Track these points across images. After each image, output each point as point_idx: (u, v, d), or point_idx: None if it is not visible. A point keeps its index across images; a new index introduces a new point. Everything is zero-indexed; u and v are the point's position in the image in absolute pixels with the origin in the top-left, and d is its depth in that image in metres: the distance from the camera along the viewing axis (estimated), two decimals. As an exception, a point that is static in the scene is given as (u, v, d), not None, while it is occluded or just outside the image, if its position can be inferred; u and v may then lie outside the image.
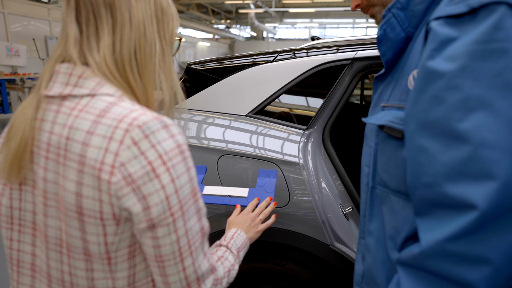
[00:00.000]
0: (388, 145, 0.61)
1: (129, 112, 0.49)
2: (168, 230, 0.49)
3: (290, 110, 1.34)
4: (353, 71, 1.27)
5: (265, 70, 1.35)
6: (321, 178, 1.22)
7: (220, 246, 0.77)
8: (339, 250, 1.16)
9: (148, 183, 0.47)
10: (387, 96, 0.65)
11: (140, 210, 0.48)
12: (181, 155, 0.50)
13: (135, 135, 0.47)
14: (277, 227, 1.20)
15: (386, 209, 0.64)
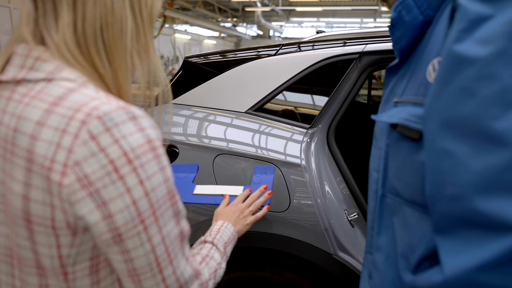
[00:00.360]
0: (402, 147, 0.52)
1: (89, 100, 0.41)
2: (140, 240, 0.43)
3: (292, 108, 1.25)
4: (361, 66, 1.18)
5: (266, 64, 1.26)
6: (324, 181, 1.13)
7: (205, 243, 0.70)
8: (342, 260, 1.07)
9: (109, 186, 0.40)
10: (400, 90, 0.56)
11: (99, 219, 0.40)
12: (152, 152, 0.43)
13: (94, 127, 0.39)
14: (276, 233, 1.12)
15: (398, 222, 0.55)
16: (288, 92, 1.24)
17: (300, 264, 1.17)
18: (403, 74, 0.57)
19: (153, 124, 0.45)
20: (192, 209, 1.18)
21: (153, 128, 0.44)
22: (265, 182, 1.02)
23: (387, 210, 0.58)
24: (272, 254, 1.20)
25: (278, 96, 1.23)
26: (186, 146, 1.20)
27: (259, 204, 0.90)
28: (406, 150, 0.51)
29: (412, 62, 0.55)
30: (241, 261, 1.21)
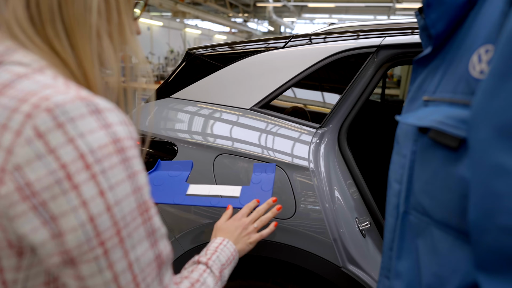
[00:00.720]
0: (434, 156, 0.42)
1: (40, 88, 0.33)
2: (98, 267, 0.34)
3: (300, 105, 1.15)
4: (378, 61, 1.07)
5: (274, 57, 1.16)
6: (334, 186, 1.03)
7: (198, 264, 0.61)
8: (352, 274, 0.97)
9: (59, 198, 0.32)
10: (432, 87, 0.46)
11: (46, 239, 0.32)
12: (119, 154, 0.35)
13: (41, 122, 0.32)
14: (280, 242, 1.02)
15: (424, 246, 0.45)
16: (296, 88, 1.15)
17: (305, 277, 1.08)
18: (436, 67, 0.47)
19: (124, 120, 0.37)
20: (194, 210, 1.10)
21: (122, 124, 0.36)
22: (265, 181, 0.92)
23: (410, 230, 0.48)
24: (276, 264, 1.11)
25: (285, 93, 1.14)
26: (185, 144, 1.12)
27: (265, 220, 0.80)
28: (439, 160, 0.41)
29: (449, 52, 0.45)
30: (242, 269, 1.13)
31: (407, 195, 0.48)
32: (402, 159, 0.49)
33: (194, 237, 1.13)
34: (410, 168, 0.47)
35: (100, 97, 0.36)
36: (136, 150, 0.37)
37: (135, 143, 0.37)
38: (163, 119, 1.22)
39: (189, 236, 1.13)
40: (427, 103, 0.46)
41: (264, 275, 1.10)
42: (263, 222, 0.79)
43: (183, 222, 1.13)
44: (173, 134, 1.15)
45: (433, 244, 0.43)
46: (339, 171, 1.09)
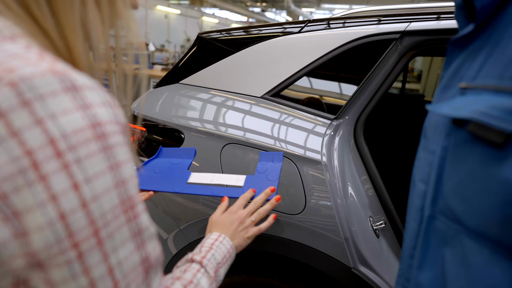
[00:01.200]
0: (472, 153, 0.36)
1: (6, 58, 0.28)
2: (71, 272, 0.29)
3: (315, 95, 1.08)
4: (401, 49, 0.99)
5: (288, 43, 1.09)
6: (347, 181, 0.97)
7: (192, 263, 0.56)
8: (363, 276, 0.91)
9: (23, 190, 0.27)
10: (472, 72, 0.39)
11: (8, 237, 0.27)
12: (100, 141, 0.30)
13: (3, 99, 0.26)
14: (288, 238, 0.97)
15: (452, 257, 0.39)
16: (311, 76, 1.08)
17: (313, 276, 1.02)
18: (477, 49, 0.40)
19: (107, 101, 0.31)
20: (202, 201, 1.06)
21: (105, 105, 0.31)
22: (271, 171, 0.86)
23: (436, 237, 0.42)
24: (282, 260, 1.06)
25: (299, 81, 1.07)
26: (193, 132, 1.07)
27: (264, 213, 0.74)
28: (478, 158, 0.35)
29: (495, 31, 0.38)
30: (247, 264, 1.08)
31: (435, 197, 0.41)
32: (430, 156, 0.43)
33: (200, 228, 1.09)
34: (440, 166, 0.40)
35: (80, 73, 0.31)
36: (122, 136, 0.32)
37: (121, 129, 0.32)
38: (170, 105, 1.18)
39: (195, 227, 1.09)
40: (464, 91, 0.39)
41: (269, 272, 1.05)
42: (261, 215, 0.74)
43: (189, 212, 1.09)
44: (180, 121, 1.10)
45: (464, 256, 0.37)
46: (354, 166, 1.03)
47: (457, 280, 0.38)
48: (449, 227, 0.39)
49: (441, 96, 0.44)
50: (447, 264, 0.40)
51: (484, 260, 0.34)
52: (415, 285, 0.45)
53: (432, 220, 0.42)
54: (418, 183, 0.45)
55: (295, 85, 1.08)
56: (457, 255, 0.38)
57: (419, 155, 0.46)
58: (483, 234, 0.34)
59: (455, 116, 0.36)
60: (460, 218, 0.37)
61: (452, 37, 0.42)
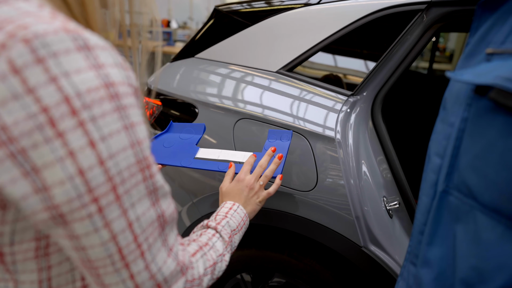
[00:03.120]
0: (493, 123, 0.33)
1: (19, 15, 0.28)
2: (93, 225, 0.31)
3: (332, 71, 1.04)
4: (427, 21, 0.92)
5: (306, 15, 1.05)
6: (362, 160, 0.94)
7: (207, 229, 0.58)
8: (373, 255, 0.90)
9: (41, 146, 0.28)
10: (501, 36, 0.36)
11: (29, 192, 0.29)
12: (113, 101, 0.30)
13: (18, 55, 0.26)
14: (298, 215, 0.97)
15: (463, 233, 0.38)
16: (329, 51, 1.03)
17: (323, 253, 1.03)
18: (509, 10, 0.36)
19: (120, 62, 0.31)
20: (218, 178, 1.07)
21: (119, 67, 0.31)
22: (279, 149, 0.86)
23: (448, 213, 0.40)
24: (292, 236, 1.06)
25: (316, 56, 1.03)
26: (206, 106, 1.07)
27: (270, 174, 0.75)
28: (498, 129, 0.32)
29: None
30: (258, 239, 1.10)
31: (450, 171, 0.39)
32: (448, 128, 0.40)
33: (212, 202, 1.10)
34: (458, 139, 0.38)
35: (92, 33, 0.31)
36: (134, 99, 0.32)
37: (133, 91, 0.32)
38: (185, 79, 1.18)
39: (207, 200, 1.11)
40: (490, 57, 0.36)
41: (279, 247, 1.06)
42: (268, 177, 0.75)
43: (202, 187, 1.11)
44: (194, 96, 1.10)
45: (477, 232, 0.35)
46: (370, 144, 0.99)
47: (467, 257, 0.36)
48: (463, 203, 0.38)
49: (464, 63, 0.41)
50: (458, 241, 0.38)
51: (497, 236, 0.33)
52: (423, 261, 0.44)
53: (446, 196, 0.40)
54: (434, 157, 0.43)
55: (311, 60, 1.04)
56: (470, 232, 0.36)
57: (436, 128, 0.44)
58: (498, 210, 0.33)
59: (476, 82, 0.33)
60: (474, 193, 0.36)
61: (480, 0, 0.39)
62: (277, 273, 1.11)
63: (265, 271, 1.11)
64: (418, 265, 0.46)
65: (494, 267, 0.33)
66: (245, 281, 1.16)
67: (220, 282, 1.17)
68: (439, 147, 0.41)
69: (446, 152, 0.40)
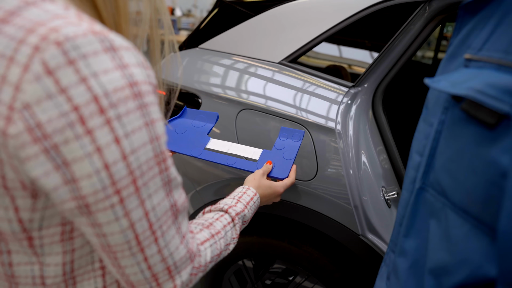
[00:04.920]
0: (465, 131, 0.35)
1: (49, 18, 0.30)
2: (115, 215, 0.34)
3: (334, 60, 1.05)
4: (430, 12, 0.93)
5: (308, 6, 1.05)
6: (362, 151, 0.96)
7: (225, 213, 0.60)
8: (370, 243, 0.93)
9: (72, 142, 0.30)
10: (479, 42, 0.37)
11: (59, 184, 0.31)
12: (136, 99, 0.32)
13: (51, 57, 0.28)
14: (299, 203, 1.00)
15: (436, 228, 0.40)
16: (331, 42, 1.04)
17: (322, 240, 1.05)
18: (488, 16, 0.37)
19: (142, 62, 0.33)
20: (221, 167, 1.09)
21: (141, 66, 0.33)
22: (288, 149, 0.86)
23: (424, 208, 0.43)
24: (292, 224, 1.09)
25: (318, 47, 1.04)
26: (209, 96, 1.09)
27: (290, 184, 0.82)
28: (469, 137, 0.33)
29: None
30: (259, 226, 1.13)
31: (427, 170, 0.41)
32: (428, 128, 0.42)
33: (216, 190, 1.13)
34: (435, 139, 0.40)
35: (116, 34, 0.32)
36: (154, 96, 0.34)
37: (153, 89, 0.34)
38: (188, 70, 1.19)
39: (210, 189, 1.14)
40: (468, 63, 0.37)
41: (280, 234, 1.09)
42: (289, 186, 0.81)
43: (206, 175, 1.13)
44: (197, 86, 1.11)
45: (447, 228, 0.37)
46: (370, 136, 1.01)
47: (437, 250, 0.38)
48: (436, 200, 0.39)
49: (446, 66, 0.42)
50: (430, 234, 0.40)
51: (464, 234, 0.35)
52: (400, 250, 0.47)
53: (422, 192, 0.42)
54: (414, 154, 0.45)
55: (313, 51, 1.05)
56: (441, 227, 0.38)
57: (419, 126, 0.45)
58: (465, 210, 0.34)
59: (451, 92, 0.35)
60: (446, 193, 0.37)
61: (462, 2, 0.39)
62: (278, 260, 1.14)
63: (266, 257, 1.14)
64: (396, 253, 0.48)
65: (458, 262, 0.34)
66: (247, 267, 1.19)
67: (222, 267, 1.21)
68: (420, 146, 0.43)
69: (425, 151, 0.41)
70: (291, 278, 1.14)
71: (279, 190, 0.77)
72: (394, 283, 0.48)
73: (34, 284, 0.39)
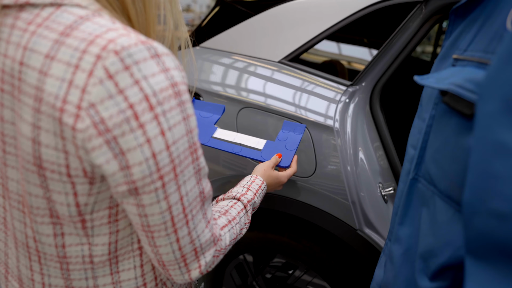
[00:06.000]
0: (448, 123, 0.38)
1: (105, 31, 0.35)
2: (157, 197, 0.39)
3: (333, 60, 1.07)
4: (426, 13, 0.95)
5: (308, 6, 1.07)
6: (359, 148, 0.99)
7: (238, 201, 0.64)
8: (367, 237, 0.96)
9: (128, 134, 0.35)
10: (465, 43, 0.40)
11: (116, 170, 0.37)
12: (177, 98, 0.37)
13: (111, 64, 0.34)
14: (298, 199, 1.02)
15: (426, 215, 0.44)
16: (330, 41, 1.06)
17: (321, 235, 1.08)
18: (474, 19, 0.40)
19: (178, 65, 0.39)
20: (222, 163, 1.12)
21: (178, 69, 0.38)
22: (290, 140, 0.90)
23: (417, 197, 0.46)
24: (292, 219, 1.12)
25: (317, 46, 1.06)
26: (210, 95, 1.11)
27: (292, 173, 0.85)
28: (452, 128, 0.37)
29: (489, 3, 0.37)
30: (260, 221, 1.16)
31: (419, 161, 0.45)
32: (421, 123, 0.45)
33: (216, 187, 1.16)
34: (426, 133, 0.43)
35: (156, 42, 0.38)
36: (188, 94, 0.40)
37: (187, 88, 0.39)
38: (190, 68, 1.21)
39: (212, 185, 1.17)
40: (455, 62, 0.40)
41: (280, 229, 1.12)
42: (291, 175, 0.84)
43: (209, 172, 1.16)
44: (198, 84, 1.14)
45: (434, 214, 0.41)
46: (367, 133, 1.03)
47: (426, 235, 0.42)
48: (427, 189, 0.43)
49: (438, 66, 0.45)
50: (422, 222, 0.44)
51: (448, 218, 0.38)
52: (395, 238, 0.50)
53: (415, 183, 0.46)
54: (409, 148, 0.48)
55: (313, 50, 1.07)
56: (430, 214, 0.42)
57: (414, 122, 0.48)
58: (449, 196, 0.38)
59: (435, 87, 0.38)
60: (434, 181, 0.41)
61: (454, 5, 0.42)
62: (278, 254, 1.17)
63: (267, 252, 1.18)
64: (392, 241, 0.52)
65: (442, 244, 0.38)
66: (248, 261, 1.23)
67: (223, 262, 1.24)
68: (414, 140, 0.46)
69: (418, 144, 0.45)
70: (290, 272, 1.17)
71: (283, 180, 0.82)
72: (389, 269, 0.51)
73: (84, 263, 0.44)
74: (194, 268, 0.46)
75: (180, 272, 0.45)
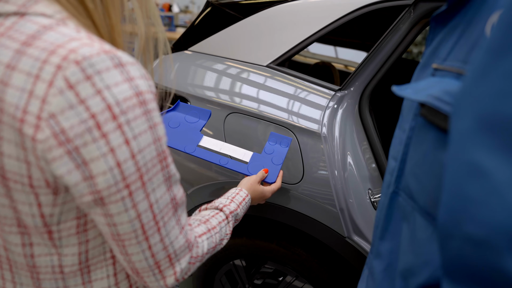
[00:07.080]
0: (426, 136, 0.36)
1: (67, 40, 0.35)
2: (124, 206, 0.39)
3: (321, 64, 1.06)
4: (415, 16, 0.93)
5: (296, 9, 1.05)
6: (347, 155, 0.97)
7: (220, 212, 0.64)
8: (356, 245, 0.94)
9: (90, 144, 0.35)
10: (445, 52, 0.38)
11: (79, 180, 0.36)
12: (142, 107, 0.37)
13: (71, 74, 0.33)
14: (287, 206, 1.01)
15: (406, 231, 0.42)
16: (318, 45, 1.05)
17: (310, 242, 1.07)
18: (454, 27, 0.38)
19: (144, 74, 0.38)
20: (214, 169, 1.10)
21: (143, 78, 0.38)
22: (277, 154, 0.89)
23: (397, 211, 0.44)
24: (281, 227, 1.10)
25: (305, 50, 1.04)
26: (197, 100, 1.09)
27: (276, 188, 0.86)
28: (430, 142, 0.35)
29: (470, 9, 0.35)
30: (249, 228, 1.14)
31: (399, 174, 0.43)
32: (402, 134, 0.43)
33: (208, 193, 1.14)
34: (406, 145, 0.41)
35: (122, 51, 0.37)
36: (155, 103, 0.39)
37: (154, 97, 0.39)
38: (178, 73, 1.19)
39: (201, 192, 1.15)
40: (435, 72, 0.38)
41: (269, 236, 1.10)
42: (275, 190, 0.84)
43: (197, 177, 1.14)
44: (185, 89, 1.12)
45: (414, 231, 0.39)
46: (356, 139, 1.02)
47: (406, 252, 0.40)
48: (407, 203, 0.41)
49: (418, 75, 0.43)
50: (402, 237, 0.42)
51: (427, 236, 0.36)
52: (376, 253, 0.48)
53: (396, 196, 0.44)
54: (391, 159, 0.46)
55: (301, 54, 1.05)
56: (410, 230, 0.40)
57: (395, 133, 0.46)
58: (429, 213, 0.36)
59: (412, 98, 0.36)
60: (414, 196, 0.39)
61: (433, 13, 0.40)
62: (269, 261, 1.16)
63: (256, 258, 1.16)
64: (373, 255, 0.50)
65: (422, 263, 0.36)
66: (237, 267, 1.21)
67: (213, 268, 1.22)
68: (394, 151, 0.44)
69: (398, 156, 0.43)
70: (280, 279, 1.16)
71: (267, 195, 0.82)
72: (370, 285, 0.50)
73: (54, 273, 0.43)
74: (169, 275, 0.46)
75: (155, 279, 0.45)
